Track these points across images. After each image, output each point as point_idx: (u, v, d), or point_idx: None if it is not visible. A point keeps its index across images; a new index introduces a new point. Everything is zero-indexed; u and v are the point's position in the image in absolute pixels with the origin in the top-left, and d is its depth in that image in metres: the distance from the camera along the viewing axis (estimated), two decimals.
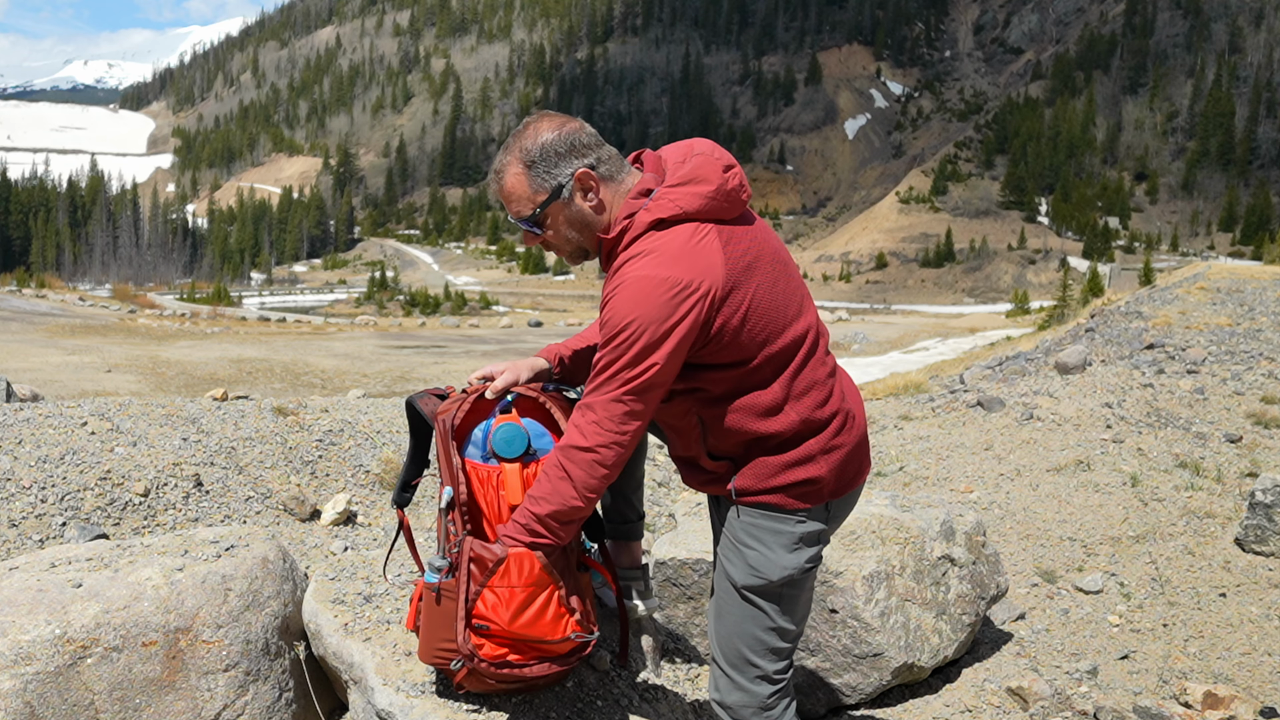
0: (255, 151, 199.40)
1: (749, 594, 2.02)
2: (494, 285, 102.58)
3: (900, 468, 6.01)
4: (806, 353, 1.96)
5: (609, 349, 1.83)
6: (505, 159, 1.92)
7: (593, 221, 1.92)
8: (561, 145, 1.87)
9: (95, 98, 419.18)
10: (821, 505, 2.01)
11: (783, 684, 2.07)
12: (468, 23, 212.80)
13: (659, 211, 1.86)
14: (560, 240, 1.95)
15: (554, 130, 1.88)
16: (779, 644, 2.04)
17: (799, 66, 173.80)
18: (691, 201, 1.87)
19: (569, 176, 1.88)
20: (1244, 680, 3.59)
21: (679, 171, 1.90)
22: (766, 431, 1.93)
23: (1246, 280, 11.65)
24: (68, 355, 17.47)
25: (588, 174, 1.88)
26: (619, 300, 1.81)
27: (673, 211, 1.86)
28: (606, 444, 1.85)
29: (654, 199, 1.88)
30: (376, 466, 4.37)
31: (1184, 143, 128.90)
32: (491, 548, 1.96)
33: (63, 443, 3.79)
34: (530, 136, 1.89)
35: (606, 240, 1.92)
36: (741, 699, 2.05)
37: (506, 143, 1.93)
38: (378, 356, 21.44)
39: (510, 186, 1.91)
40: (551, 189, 1.89)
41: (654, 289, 1.79)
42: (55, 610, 2.22)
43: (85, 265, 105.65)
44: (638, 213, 1.88)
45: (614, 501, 2.45)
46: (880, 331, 39.05)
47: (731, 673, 2.05)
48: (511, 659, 2.00)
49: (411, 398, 2.18)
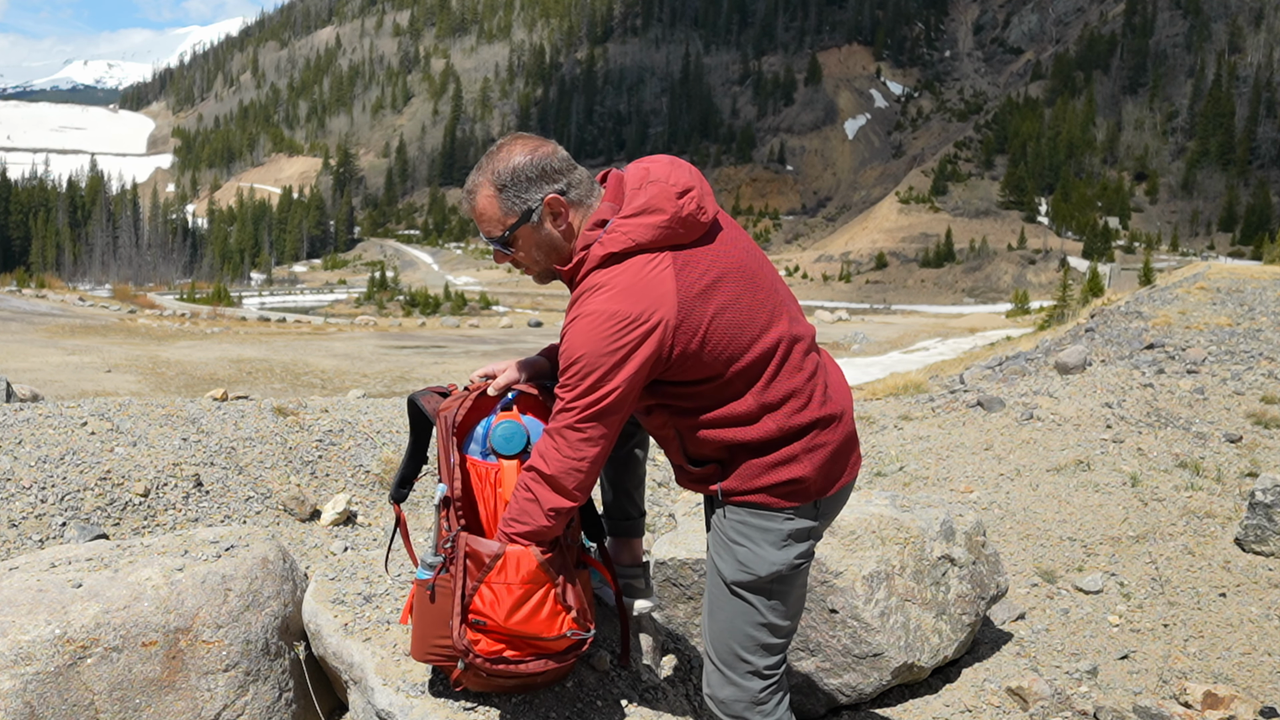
0: (255, 151, 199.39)
1: (739, 590, 2.04)
2: (494, 285, 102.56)
3: (900, 468, 6.01)
4: (779, 363, 1.97)
5: (564, 381, 1.89)
6: (478, 179, 1.94)
7: (560, 246, 1.95)
8: (533, 170, 1.89)
9: (95, 98, 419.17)
10: (810, 503, 2.03)
11: (774, 679, 2.09)
12: (467, 23, 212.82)
13: (611, 245, 1.88)
14: (529, 260, 1.98)
15: (526, 154, 1.90)
16: (770, 640, 2.07)
17: (799, 66, 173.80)
18: (644, 234, 1.88)
19: (539, 201, 1.90)
20: (1244, 680, 3.59)
21: (634, 202, 1.91)
22: (744, 440, 1.97)
23: (1246, 280, 11.65)
24: (68, 355, 17.47)
25: (557, 199, 1.90)
26: (571, 336, 1.87)
27: (625, 245, 1.88)
28: (565, 470, 1.91)
29: (608, 231, 1.90)
30: (376, 466, 4.37)
31: (1184, 143, 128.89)
32: (487, 542, 1.98)
33: (63, 443, 3.79)
34: (503, 159, 1.90)
35: (564, 271, 1.96)
36: (734, 694, 2.07)
37: (480, 163, 1.95)
38: (378, 357, 21.45)
39: (481, 207, 1.93)
40: (521, 213, 1.91)
41: (603, 324, 1.82)
42: (55, 610, 2.22)
43: (85, 265, 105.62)
44: (592, 245, 1.91)
45: (615, 498, 2.46)
46: (880, 331, 39.05)
47: (723, 668, 2.08)
48: (508, 655, 2.01)
49: (414, 395, 2.19)
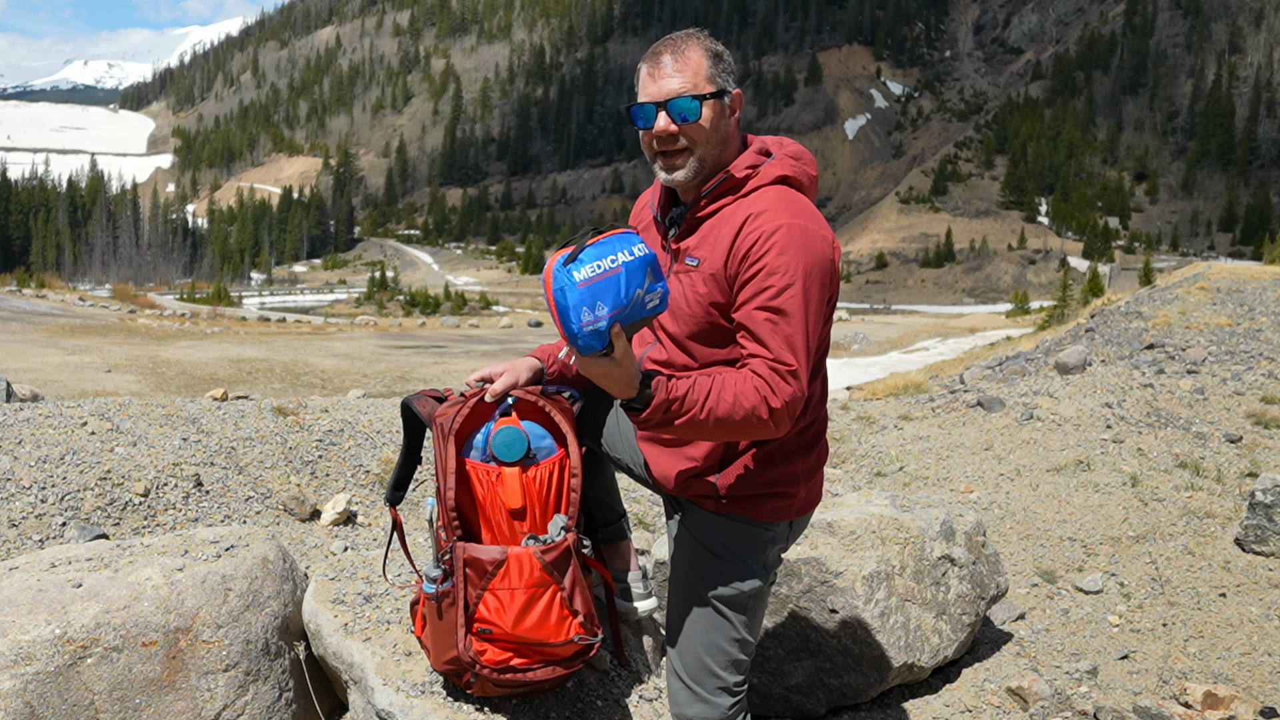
0: (255, 151, 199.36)
1: (720, 604, 2.02)
2: (494, 285, 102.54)
3: (900, 468, 6.01)
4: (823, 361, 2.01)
5: (771, 298, 1.79)
6: (686, 42, 1.90)
7: (725, 140, 1.92)
8: (732, 64, 1.94)
9: (95, 98, 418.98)
10: (787, 522, 2.05)
11: (741, 696, 2.08)
12: (468, 23, 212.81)
13: (785, 169, 1.92)
14: (700, 136, 1.89)
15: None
16: (739, 655, 2.06)
17: (799, 66, 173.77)
18: (802, 173, 1.95)
19: (734, 87, 1.93)
20: (1244, 680, 3.59)
21: (787, 148, 1.98)
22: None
23: (1246, 280, 11.64)
24: (68, 355, 17.47)
25: (740, 96, 1.94)
26: (779, 244, 1.79)
27: (795, 173, 1.93)
28: (795, 399, 1.83)
29: (776, 159, 1.94)
30: (376, 466, 4.37)
31: (1184, 143, 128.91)
32: (488, 549, 1.94)
33: (63, 443, 3.79)
34: (710, 40, 1.92)
35: (732, 178, 1.90)
36: (702, 711, 2.05)
37: (671, 38, 1.92)
38: (378, 356, 21.44)
39: (695, 61, 1.88)
40: (720, 87, 1.90)
41: (821, 241, 1.83)
42: (55, 610, 2.22)
43: (85, 265, 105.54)
44: (762, 165, 1.91)
45: (591, 508, 2.40)
46: (880, 331, 39.03)
47: (693, 684, 2.05)
48: (515, 664, 1.98)
49: (408, 399, 2.16)
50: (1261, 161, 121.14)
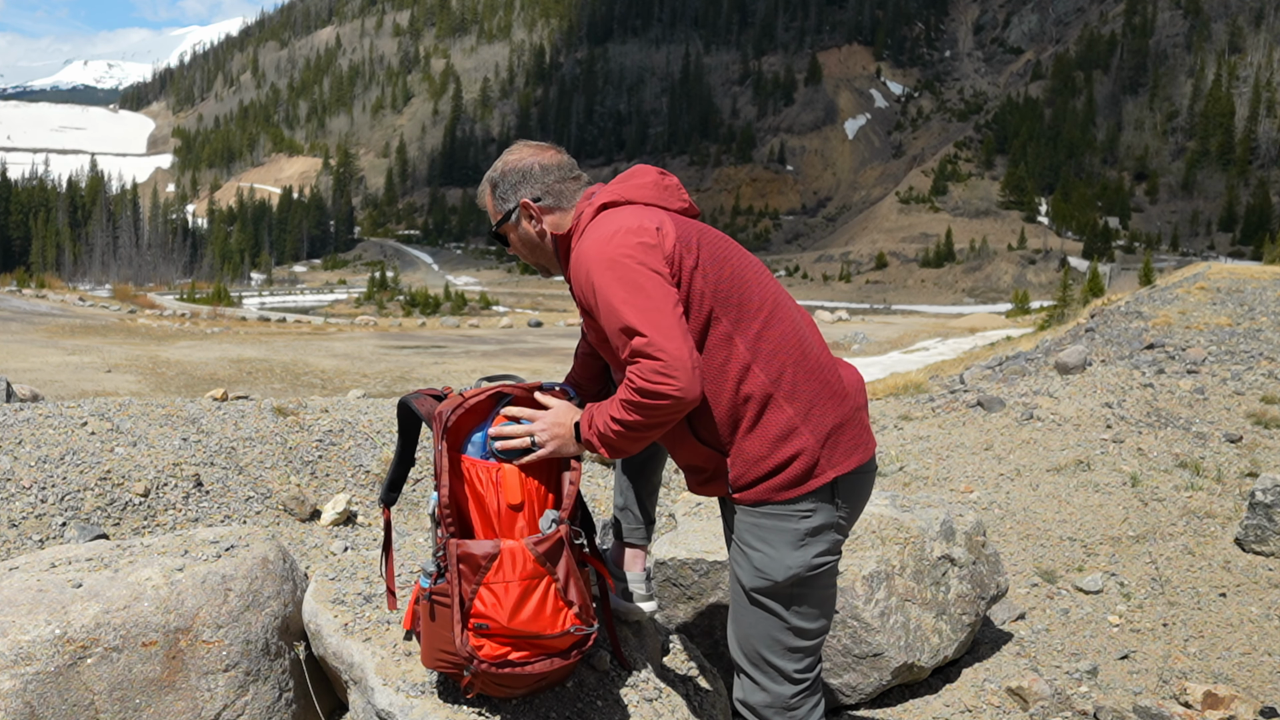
0: (255, 151, 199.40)
1: (757, 596, 2.01)
2: (494, 285, 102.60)
3: (900, 468, 6.01)
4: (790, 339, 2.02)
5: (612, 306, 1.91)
6: (486, 176, 2.20)
7: (537, 244, 2.15)
8: (515, 176, 2.12)
9: (95, 98, 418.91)
10: (826, 487, 1.98)
11: (807, 683, 2.06)
12: (468, 23, 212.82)
13: (604, 197, 2.06)
14: (520, 251, 2.20)
15: (516, 161, 2.13)
16: (797, 643, 2.03)
17: (799, 66, 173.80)
18: (632, 192, 2.07)
19: (516, 203, 2.12)
20: (1244, 680, 3.59)
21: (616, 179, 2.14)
22: (739, 394, 1.96)
23: (1246, 280, 11.65)
24: (68, 355, 17.48)
25: (528, 205, 2.10)
26: (584, 265, 1.94)
27: (615, 196, 2.06)
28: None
29: (597, 195, 2.10)
30: (376, 466, 4.37)
31: (1184, 143, 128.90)
32: (480, 543, 1.95)
33: (63, 443, 3.79)
34: (501, 161, 2.16)
35: (563, 239, 2.10)
36: (764, 699, 2.04)
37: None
38: (378, 357, 21.44)
39: (484, 202, 2.20)
40: (505, 211, 2.14)
41: (614, 238, 1.93)
42: (55, 610, 2.22)
43: (85, 265, 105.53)
44: (585, 209, 2.09)
45: (636, 499, 2.45)
46: (880, 331, 39.03)
47: (753, 672, 2.05)
48: (512, 658, 1.99)
49: (406, 397, 2.17)
50: (1261, 161, 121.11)
